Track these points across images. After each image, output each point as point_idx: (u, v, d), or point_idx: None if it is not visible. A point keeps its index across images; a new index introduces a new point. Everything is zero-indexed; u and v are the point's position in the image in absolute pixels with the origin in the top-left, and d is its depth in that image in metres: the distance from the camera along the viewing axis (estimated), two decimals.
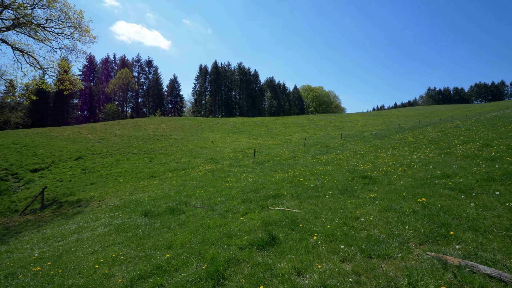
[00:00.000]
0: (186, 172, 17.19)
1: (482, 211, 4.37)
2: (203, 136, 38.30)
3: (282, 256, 3.99)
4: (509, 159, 7.75)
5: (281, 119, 58.97)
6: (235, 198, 8.64)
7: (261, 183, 10.40)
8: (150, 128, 42.53)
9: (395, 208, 5.15)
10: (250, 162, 17.53)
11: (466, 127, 18.25)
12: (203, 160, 22.23)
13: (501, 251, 3.11)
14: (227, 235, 5.34)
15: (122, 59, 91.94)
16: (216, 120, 56.30)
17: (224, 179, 12.82)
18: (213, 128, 45.87)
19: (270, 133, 42.28)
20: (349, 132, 36.13)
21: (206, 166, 18.68)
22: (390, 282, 2.84)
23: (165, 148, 29.48)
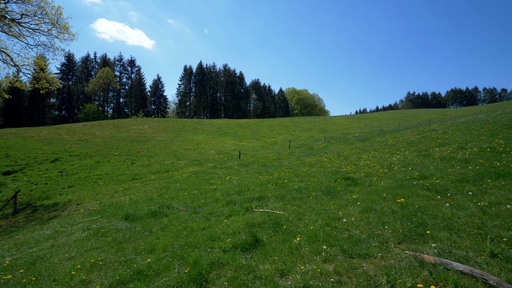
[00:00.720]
0: (169, 174, 16.87)
1: (456, 210, 4.58)
2: (188, 137, 37.79)
3: (266, 258, 3.99)
4: (482, 161, 8.17)
5: (266, 121, 59.25)
6: (219, 201, 8.57)
7: (245, 185, 10.38)
8: (132, 129, 41.47)
9: (376, 209, 5.29)
10: (235, 164, 17.46)
11: (442, 131, 19.08)
12: (187, 162, 21.92)
13: (473, 248, 3.27)
14: (210, 238, 5.28)
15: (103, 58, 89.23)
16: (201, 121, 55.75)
17: (208, 181, 12.69)
18: (198, 130, 45.38)
19: (255, 135, 42.36)
20: (332, 134, 36.83)
21: (190, 168, 18.43)
22: (370, 281, 2.91)
23: (148, 150, 28.83)
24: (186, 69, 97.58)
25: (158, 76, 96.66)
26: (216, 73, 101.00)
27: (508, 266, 2.80)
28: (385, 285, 2.74)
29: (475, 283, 2.55)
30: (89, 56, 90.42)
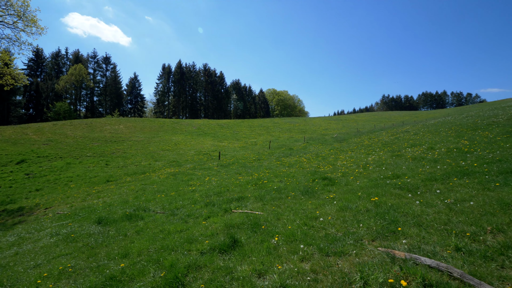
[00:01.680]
0: (146, 176, 16.37)
1: (426, 208, 4.81)
2: (166, 138, 36.90)
3: (244, 259, 3.97)
4: (449, 161, 8.67)
5: (246, 122, 59.26)
6: (198, 202, 8.43)
7: (225, 186, 10.30)
8: (106, 129, 39.82)
9: (351, 208, 5.44)
10: (215, 165, 17.29)
11: (414, 132, 20.05)
12: (165, 163, 21.39)
13: (440, 243, 3.45)
14: (188, 240, 5.17)
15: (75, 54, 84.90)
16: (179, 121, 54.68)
17: (187, 183, 12.46)
18: (177, 130, 44.46)
19: (235, 135, 42.21)
20: (312, 135, 37.55)
21: (168, 169, 18.00)
22: (344, 278, 2.98)
23: (124, 151, 27.81)
24: (164, 68, 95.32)
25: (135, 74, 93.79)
26: (196, 72, 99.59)
27: (470, 259, 2.98)
28: (358, 282, 2.82)
29: (441, 276, 2.69)
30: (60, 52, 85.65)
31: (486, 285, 2.44)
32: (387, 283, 2.66)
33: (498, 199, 4.51)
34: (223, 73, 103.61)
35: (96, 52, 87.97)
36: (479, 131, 13.95)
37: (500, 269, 2.76)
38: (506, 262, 2.84)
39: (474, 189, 5.40)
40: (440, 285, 2.51)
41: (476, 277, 2.63)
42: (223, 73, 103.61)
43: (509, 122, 14.83)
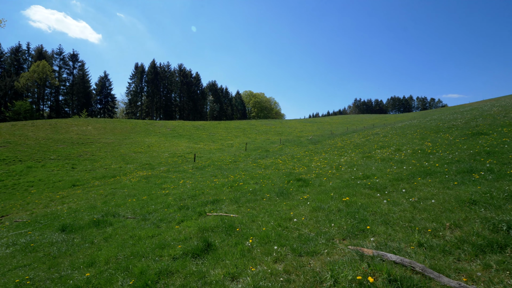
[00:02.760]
0: (116, 180, 15.64)
1: (392, 206, 5.07)
2: (138, 140, 35.57)
3: (217, 263, 3.92)
4: (414, 162, 9.20)
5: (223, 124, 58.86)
6: (171, 206, 8.21)
7: (200, 189, 10.12)
8: (73, 131, 37.56)
9: (324, 208, 5.59)
10: (190, 167, 16.95)
11: (383, 134, 21.09)
12: (137, 166, 20.60)
13: (404, 240, 3.64)
14: (159, 245, 5.01)
15: (38, 50, 79.22)
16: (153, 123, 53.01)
17: (160, 186, 12.08)
18: (150, 132, 43.05)
19: (211, 137, 41.74)
20: (287, 137, 38.14)
21: (140, 172, 17.34)
22: (316, 277, 3.04)
23: (92, 153, 26.38)
24: (137, 67, 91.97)
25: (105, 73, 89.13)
26: (170, 72, 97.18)
27: (431, 253, 3.18)
28: (329, 280, 2.89)
29: (404, 271, 2.84)
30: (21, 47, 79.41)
31: (444, 277, 2.61)
32: (355, 280, 2.75)
33: (456, 197, 4.86)
34: (199, 74, 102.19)
35: (62, 49, 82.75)
36: (441, 133, 14.99)
37: (456, 262, 2.97)
38: (462, 255, 3.06)
39: (436, 188, 5.78)
40: (404, 279, 2.65)
41: (436, 270, 2.80)
42: (199, 74, 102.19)
43: (467, 125, 16.10)
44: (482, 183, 5.52)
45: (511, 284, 2.42)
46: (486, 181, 5.63)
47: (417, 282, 2.63)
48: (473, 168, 6.69)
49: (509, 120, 14.58)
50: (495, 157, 7.56)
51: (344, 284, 2.76)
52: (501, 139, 10.05)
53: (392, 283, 2.65)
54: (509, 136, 10.37)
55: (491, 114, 18.70)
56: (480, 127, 14.02)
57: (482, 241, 3.18)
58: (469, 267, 2.81)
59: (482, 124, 15.23)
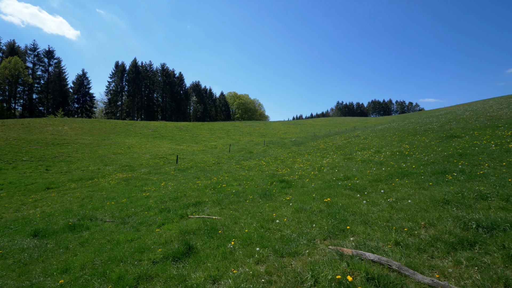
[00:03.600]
0: (94, 182, 15.06)
1: (371, 206, 5.21)
2: (118, 140, 34.49)
3: (199, 266, 3.86)
4: (392, 163, 9.52)
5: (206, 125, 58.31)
6: (152, 209, 8.01)
7: (182, 191, 9.95)
8: (48, 131, 35.84)
9: (306, 209, 5.65)
10: (172, 169, 16.63)
11: (364, 137, 21.70)
12: (116, 167, 19.95)
13: (382, 239, 3.75)
14: (139, 249, 4.87)
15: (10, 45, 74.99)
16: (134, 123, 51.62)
17: (140, 188, 11.76)
18: (130, 132, 41.88)
19: (194, 138, 41.21)
20: (271, 139, 38.35)
21: (119, 174, 16.80)
22: (297, 278, 3.06)
23: (68, 154, 25.27)
24: (118, 66, 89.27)
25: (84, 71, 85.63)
26: (153, 72, 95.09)
27: (407, 252, 3.30)
28: (310, 280, 2.92)
29: (382, 269, 2.92)
30: None
31: (419, 274, 2.71)
32: (335, 280, 2.80)
33: (431, 197, 5.08)
34: (182, 74, 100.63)
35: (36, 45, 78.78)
36: (417, 136, 15.62)
37: (430, 259, 3.09)
38: (435, 252, 3.20)
39: (412, 188, 6.00)
40: (381, 277, 2.73)
41: (411, 267, 2.91)
42: (182, 74, 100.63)
43: (441, 128, 16.89)
44: (455, 183, 5.79)
45: (479, 279, 2.55)
46: (458, 181, 5.92)
47: (394, 279, 2.72)
48: (446, 169, 7.01)
49: (480, 124, 15.45)
50: (467, 159, 7.97)
51: (324, 283, 2.80)
52: (472, 141, 10.61)
53: (370, 282, 2.71)
54: (479, 139, 10.98)
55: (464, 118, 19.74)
56: (453, 130, 14.75)
57: (454, 239, 3.34)
58: (442, 264, 2.94)
59: (456, 127, 16.04)
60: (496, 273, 2.58)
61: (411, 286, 2.61)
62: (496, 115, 17.94)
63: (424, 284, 2.59)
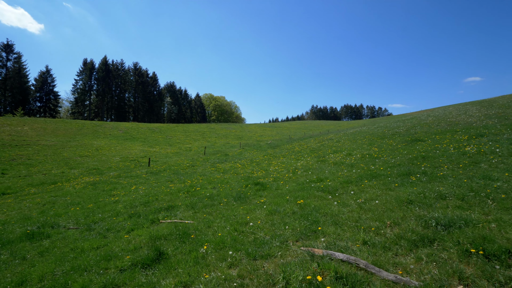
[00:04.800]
0: (57, 186, 14.09)
1: (342, 207, 5.38)
2: (85, 142, 32.63)
3: (169, 272, 3.74)
4: (362, 165, 9.92)
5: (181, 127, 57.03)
6: (121, 214, 7.65)
7: (153, 195, 9.62)
8: (5, 131, 33.00)
9: (280, 211, 5.71)
10: (143, 172, 16.03)
11: (337, 140, 22.44)
12: (82, 171, 18.83)
13: (351, 238, 3.89)
14: (105, 257, 4.61)
15: None
16: (103, 124, 49.16)
17: (109, 193, 11.19)
18: (99, 134, 39.81)
19: (168, 140, 40.12)
20: (247, 141, 38.39)
21: (86, 178, 15.88)
22: (269, 280, 3.07)
23: (28, 157, 23.43)
24: (86, 63, 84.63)
25: (48, 68, 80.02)
26: (124, 71, 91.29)
27: (374, 250, 3.44)
28: (281, 282, 2.95)
29: (350, 268, 3.02)
30: None
31: (384, 271, 2.84)
32: (305, 280, 2.85)
33: (396, 197, 5.36)
34: (156, 74, 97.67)
35: None
36: (386, 139, 16.46)
37: (395, 257, 3.25)
38: (399, 250, 3.37)
39: (380, 190, 6.30)
40: (349, 276, 2.82)
41: (377, 265, 3.04)
42: (156, 74, 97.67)
43: (407, 132, 17.94)
44: (418, 184, 6.16)
45: (437, 274, 2.72)
46: (421, 182, 6.31)
47: (361, 277, 2.82)
48: (411, 171, 7.45)
49: (441, 129, 16.63)
50: (429, 161, 8.52)
51: (295, 284, 2.83)
52: (434, 145, 11.38)
53: (339, 281, 2.79)
54: (440, 142, 11.81)
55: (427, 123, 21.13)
56: (418, 134, 15.73)
57: (416, 237, 3.54)
58: (405, 261, 3.10)
59: (420, 131, 17.12)
60: (452, 267, 2.78)
61: (377, 284, 2.73)
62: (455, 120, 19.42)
63: (388, 281, 2.72)
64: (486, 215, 3.94)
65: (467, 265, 2.82)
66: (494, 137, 10.70)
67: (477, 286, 2.49)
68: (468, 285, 2.53)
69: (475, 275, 2.63)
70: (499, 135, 10.93)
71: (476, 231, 3.37)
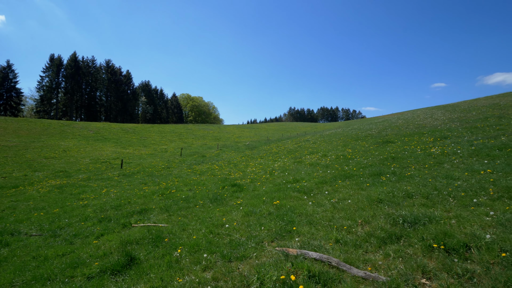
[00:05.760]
0: (19, 190, 13.09)
1: (316, 207, 5.50)
2: (51, 143, 30.67)
3: (141, 277, 3.60)
4: (337, 166, 10.22)
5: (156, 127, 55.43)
6: (90, 218, 7.27)
7: (126, 198, 9.25)
8: None
9: (256, 212, 5.72)
10: (116, 175, 15.37)
11: (313, 141, 22.94)
12: (48, 173, 17.66)
13: (325, 237, 3.98)
14: (71, 265, 4.36)
15: None
16: (72, 124, 46.53)
17: (77, 196, 10.59)
18: (67, 134, 37.63)
19: (143, 141, 38.81)
20: (225, 142, 38.12)
21: (52, 181, 14.92)
22: (243, 281, 3.06)
23: None
24: (53, 59, 79.65)
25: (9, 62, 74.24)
26: (96, 68, 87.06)
27: (345, 248, 3.55)
28: (256, 283, 2.95)
29: (323, 266, 3.09)
30: None
31: (354, 268, 2.94)
32: (279, 280, 2.87)
33: (367, 197, 5.58)
34: (130, 72, 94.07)
35: None
36: (359, 141, 17.10)
37: (365, 254, 3.38)
38: (369, 247, 3.51)
39: (352, 189, 6.52)
40: (321, 274, 2.88)
41: (348, 263, 3.14)
42: (130, 72, 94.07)
43: (379, 134, 18.77)
44: (388, 184, 6.46)
45: (402, 269, 2.87)
46: (391, 182, 6.62)
47: (333, 275, 2.90)
48: (381, 172, 7.80)
49: (410, 131, 17.58)
50: (398, 162, 8.97)
51: (269, 285, 2.85)
52: (403, 146, 12.00)
53: (311, 279, 2.85)
54: (408, 144, 12.48)
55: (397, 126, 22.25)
56: (388, 136, 16.51)
57: (385, 234, 3.71)
58: (374, 258, 3.23)
59: (390, 134, 17.98)
60: (416, 262, 2.94)
61: (347, 280, 2.82)
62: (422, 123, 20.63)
63: (358, 277, 2.82)
64: (448, 212, 4.21)
65: (430, 259, 2.99)
66: (456, 139, 11.50)
67: (438, 278, 2.66)
68: (431, 278, 2.68)
69: (436, 269, 2.80)
70: (460, 137, 11.76)
71: (438, 227, 3.59)
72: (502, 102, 24.84)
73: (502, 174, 5.75)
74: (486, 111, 20.38)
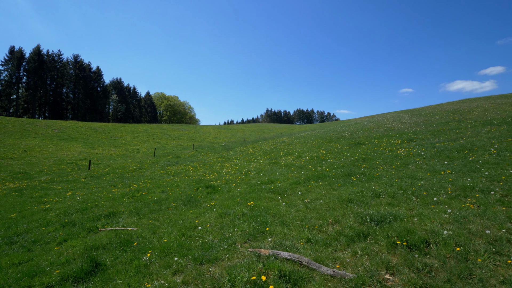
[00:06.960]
0: None
1: (290, 208, 5.58)
2: (9, 142, 28.35)
3: (106, 284, 3.43)
4: (310, 167, 10.45)
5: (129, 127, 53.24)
6: (52, 223, 6.80)
7: (93, 201, 8.77)
8: None
9: (230, 213, 5.68)
10: (82, 176, 14.53)
11: (289, 142, 23.28)
12: (5, 175, 16.28)
13: (297, 237, 4.05)
14: (29, 273, 4.04)
15: None
16: (34, 122, 43.31)
17: (38, 200, 9.86)
18: (29, 133, 34.99)
19: (113, 141, 37.10)
20: (201, 143, 37.54)
21: (10, 183, 13.78)
22: (214, 284, 3.02)
23: None
24: (13, 52, 73.70)
25: None
26: (62, 63, 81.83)
27: (316, 247, 3.64)
28: (227, 285, 2.92)
29: (293, 266, 3.14)
30: None
31: (324, 267, 3.02)
32: (250, 281, 2.87)
33: (338, 197, 5.75)
34: (100, 69, 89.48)
35: None
36: (332, 143, 17.63)
37: (334, 252, 3.48)
38: (338, 246, 3.62)
39: (324, 190, 6.70)
40: (292, 273, 2.92)
41: (318, 261, 3.21)
42: (100, 69, 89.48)
43: (351, 136, 19.49)
44: (358, 184, 6.72)
45: (368, 265, 2.99)
46: (360, 182, 6.89)
47: (303, 274, 2.95)
48: (352, 172, 8.09)
49: (379, 134, 18.44)
50: (368, 163, 9.37)
51: (239, 286, 2.83)
52: (373, 148, 12.56)
53: (282, 279, 2.88)
54: (378, 146, 13.08)
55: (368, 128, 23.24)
56: (360, 138, 17.20)
57: (353, 233, 3.84)
58: (342, 256, 3.34)
59: (362, 136, 18.75)
60: (381, 259, 3.07)
61: (317, 279, 2.88)
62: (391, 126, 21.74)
63: (327, 275, 2.89)
64: (411, 210, 4.46)
65: (394, 256, 3.15)
66: (421, 141, 12.25)
67: (400, 273, 2.80)
68: (394, 273, 2.82)
69: (399, 264, 2.95)
70: (424, 140, 12.55)
71: (402, 225, 3.79)
72: (462, 107, 26.90)
73: (459, 174, 6.21)
74: (447, 116, 21.95)
